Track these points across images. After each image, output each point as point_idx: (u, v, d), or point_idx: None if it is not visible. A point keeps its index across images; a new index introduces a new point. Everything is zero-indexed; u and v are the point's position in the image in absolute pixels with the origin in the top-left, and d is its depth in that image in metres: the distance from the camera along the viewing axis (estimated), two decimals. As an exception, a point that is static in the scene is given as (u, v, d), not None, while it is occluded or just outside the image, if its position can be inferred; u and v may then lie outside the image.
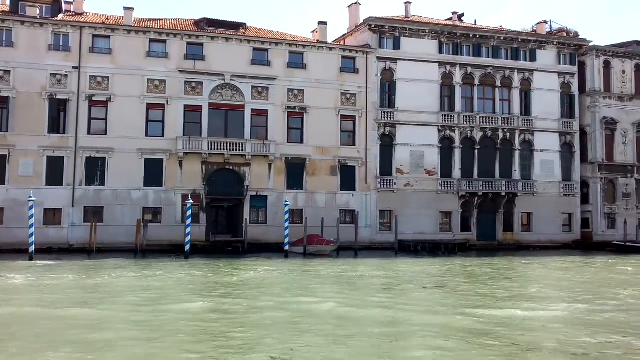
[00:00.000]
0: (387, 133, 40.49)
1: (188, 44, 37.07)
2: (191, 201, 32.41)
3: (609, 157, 45.34)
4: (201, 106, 36.97)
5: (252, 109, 37.89)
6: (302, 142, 38.74)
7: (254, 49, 38.26)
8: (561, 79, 44.94)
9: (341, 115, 39.57)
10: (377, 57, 40.52)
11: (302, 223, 35.57)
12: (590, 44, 45.72)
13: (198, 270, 25.78)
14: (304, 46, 39.35)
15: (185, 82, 36.84)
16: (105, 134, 35.46)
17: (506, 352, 10.94)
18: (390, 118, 40.62)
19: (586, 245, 42.89)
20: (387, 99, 41.04)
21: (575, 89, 45.26)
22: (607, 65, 45.99)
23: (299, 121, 38.83)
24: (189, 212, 31.74)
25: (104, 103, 35.50)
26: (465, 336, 12.18)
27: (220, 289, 20.17)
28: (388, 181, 40.18)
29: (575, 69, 45.39)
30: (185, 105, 36.74)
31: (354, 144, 39.84)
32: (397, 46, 41.01)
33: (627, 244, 41.28)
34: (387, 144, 40.52)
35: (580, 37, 47.48)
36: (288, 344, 11.32)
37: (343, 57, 39.96)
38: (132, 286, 20.10)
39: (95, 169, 35.07)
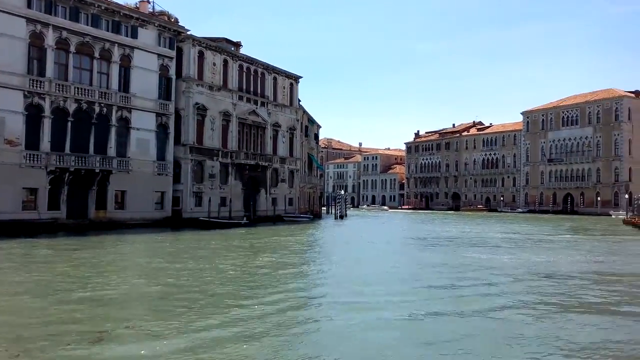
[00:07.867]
0: (-45, 91, 33.25)
1: None
2: None
3: (199, 140, 49.15)
4: None
5: None
6: None
7: None
8: (160, 61, 46.05)
9: None
10: (-56, -4, 32.76)
11: None
12: (188, 33, 48.40)
13: None
14: None
15: None
16: None
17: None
18: (-40, 74, 33.48)
19: (176, 222, 45.31)
20: (-43, 50, 33.68)
21: (173, 72, 47.13)
22: (201, 55, 49.62)
23: None
24: None
25: None
26: None
27: None
28: (-46, 150, 33.05)
29: (173, 53, 47.24)
30: None
31: None
32: (-27, -12, 34.07)
33: (211, 219, 45.70)
34: (-45, 104, 33.29)
35: (180, 24, 49.70)
36: None
37: None
38: None
39: None
